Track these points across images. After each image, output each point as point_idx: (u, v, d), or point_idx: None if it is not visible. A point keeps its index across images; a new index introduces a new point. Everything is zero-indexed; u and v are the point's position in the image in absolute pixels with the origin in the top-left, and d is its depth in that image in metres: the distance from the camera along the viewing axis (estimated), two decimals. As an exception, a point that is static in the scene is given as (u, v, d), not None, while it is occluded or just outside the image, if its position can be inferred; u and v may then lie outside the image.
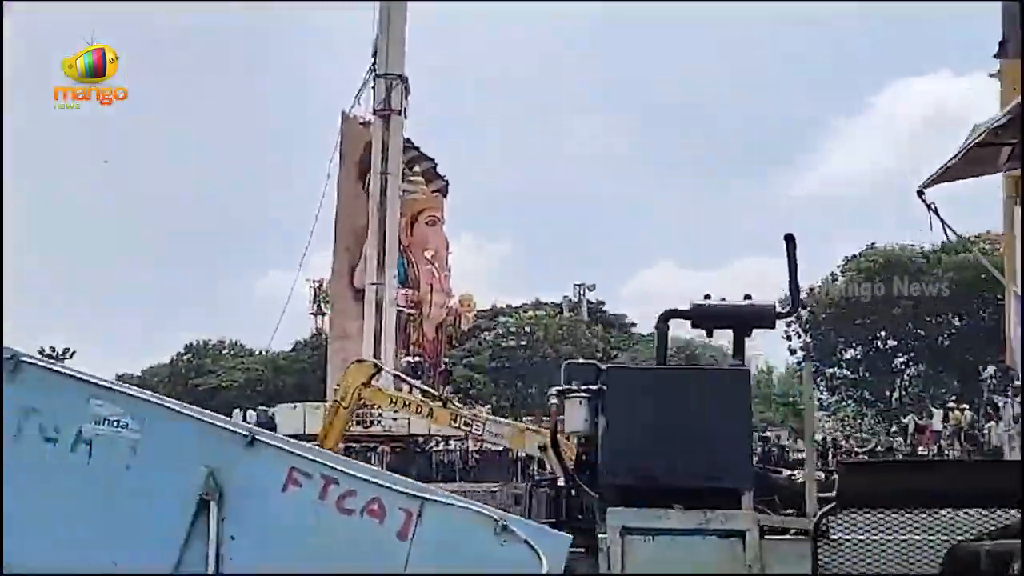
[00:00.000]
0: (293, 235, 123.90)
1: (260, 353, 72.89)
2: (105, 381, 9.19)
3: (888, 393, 54.55)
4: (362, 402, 30.41)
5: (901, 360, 54.51)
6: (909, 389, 53.67)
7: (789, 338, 56.49)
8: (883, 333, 53.77)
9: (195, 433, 8.65)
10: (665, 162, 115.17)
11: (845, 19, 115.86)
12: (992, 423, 32.92)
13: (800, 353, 56.53)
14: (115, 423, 8.65)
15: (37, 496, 8.64)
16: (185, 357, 72.87)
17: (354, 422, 37.20)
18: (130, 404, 8.77)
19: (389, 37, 42.63)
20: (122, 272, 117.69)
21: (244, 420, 46.58)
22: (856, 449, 36.32)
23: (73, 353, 54.43)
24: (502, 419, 31.29)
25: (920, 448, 33.54)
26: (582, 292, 71.75)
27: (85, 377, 8.94)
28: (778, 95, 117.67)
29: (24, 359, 8.78)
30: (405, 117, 42.71)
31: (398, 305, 43.08)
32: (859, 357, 55.88)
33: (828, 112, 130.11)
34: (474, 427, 29.29)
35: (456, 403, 31.63)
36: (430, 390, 32.21)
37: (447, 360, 48.04)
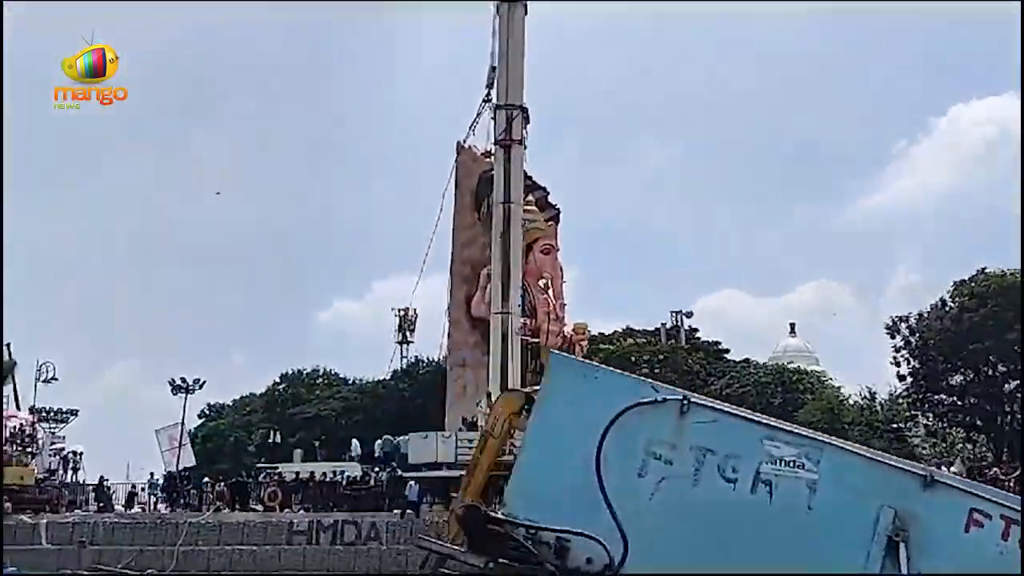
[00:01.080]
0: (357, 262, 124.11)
1: (353, 382, 71.89)
2: (774, 421, 9.43)
3: (999, 419, 52.17)
4: (512, 432, 29.03)
5: (1012, 386, 51.97)
6: (1020, 415, 51.21)
7: (898, 364, 54.57)
8: (992, 358, 51.34)
9: (871, 472, 8.80)
10: (729, 189, 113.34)
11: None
12: None
13: (908, 379, 54.67)
14: (792, 463, 8.79)
15: (722, 533, 9.09)
16: (281, 386, 71.80)
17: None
18: (803, 444, 8.91)
19: (509, 66, 41.82)
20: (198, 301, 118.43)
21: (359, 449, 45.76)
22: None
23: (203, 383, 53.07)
24: None
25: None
26: (679, 319, 70.24)
27: (755, 418, 9.38)
28: (839, 120, 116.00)
29: (695, 400, 9.16)
30: (525, 147, 41.73)
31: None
32: (966, 383, 53.42)
33: (890, 136, 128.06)
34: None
35: None
36: None
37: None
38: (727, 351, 73.13)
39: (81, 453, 51.09)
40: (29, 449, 48.09)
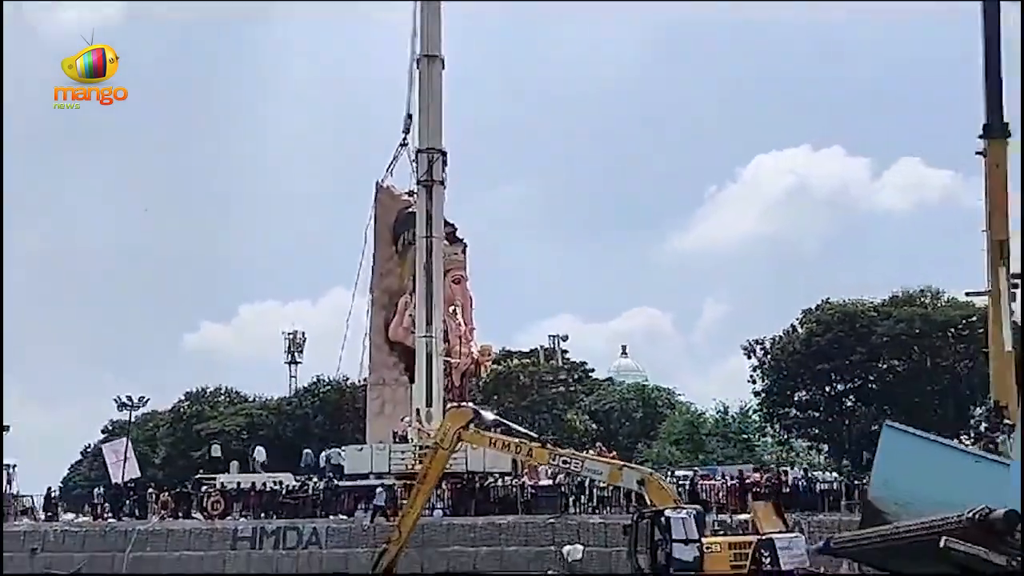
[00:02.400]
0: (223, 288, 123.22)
1: (254, 399, 72.04)
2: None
3: (839, 432, 55.58)
4: (460, 444, 30.58)
5: (851, 402, 55.47)
6: (858, 427, 54.51)
7: (753, 381, 57.67)
8: (834, 377, 54.82)
9: None
10: (568, 222, 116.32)
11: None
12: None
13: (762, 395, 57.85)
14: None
15: None
16: (185, 403, 71.44)
17: (419, 460, 37.44)
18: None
19: (430, 113, 43.11)
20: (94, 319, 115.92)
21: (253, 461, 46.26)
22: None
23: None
24: (598, 457, 31.59)
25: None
26: (556, 342, 72.47)
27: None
28: (665, 163, 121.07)
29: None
30: (444, 187, 42.90)
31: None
32: (811, 398, 56.72)
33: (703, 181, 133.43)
34: (572, 464, 29.65)
35: (552, 444, 31.99)
36: (528, 432, 32.53)
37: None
38: (593, 370, 75.87)
39: (15, 466, 50.39)
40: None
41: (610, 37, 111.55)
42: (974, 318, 52.52)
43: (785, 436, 59.80)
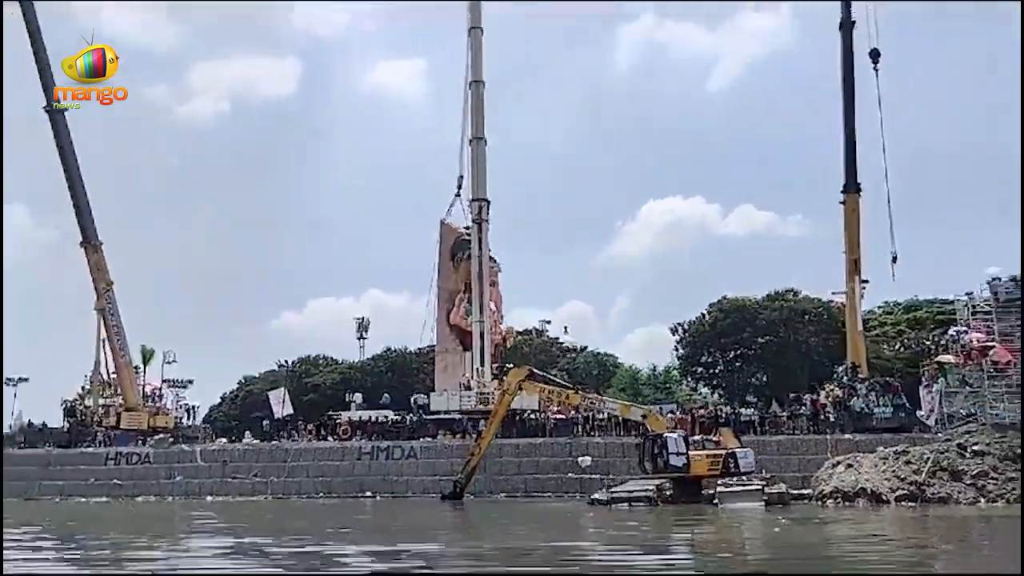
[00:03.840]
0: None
1: (341, 362, 71.58)
2: None
3: (732, 383, 56.11)
4: (520, 392, 30.74)
5: (739, 363, 56.05)
6: (744, 379, 55.17)
7: (676, 349, 58.29)
8: (733, 347, 55.34)
9: None
10: (527, 241, 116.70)
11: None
12: (855, 399, 33.71)
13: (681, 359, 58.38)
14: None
15: None
16: (298, 366, 70.85)
17: (479, 401, 37.52)
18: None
19: (478, 176, 43.11)
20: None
21: (352, 403, 45.94)
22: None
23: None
24: (613, 399, 31.92)
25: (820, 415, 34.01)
26: (544, 324, 72.59)
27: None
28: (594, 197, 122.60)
29: None
30: (488, 224, 42.94)
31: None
32: (712, 361, 57.23)
33: (615, 216, 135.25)
34: (597, 404, 29.89)
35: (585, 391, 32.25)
36: (566, 383, 32.75)
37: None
38: (562, 343, 75.89)
39: (196, 407, 50.13)
40: (158, 404, 47.11)
41: (543, 105, 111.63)
42: (820, 309, 53.57)
43: (695, 385, 60.39)
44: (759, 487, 23.97)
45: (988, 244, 75.91)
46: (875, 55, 34.83)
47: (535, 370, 31.32)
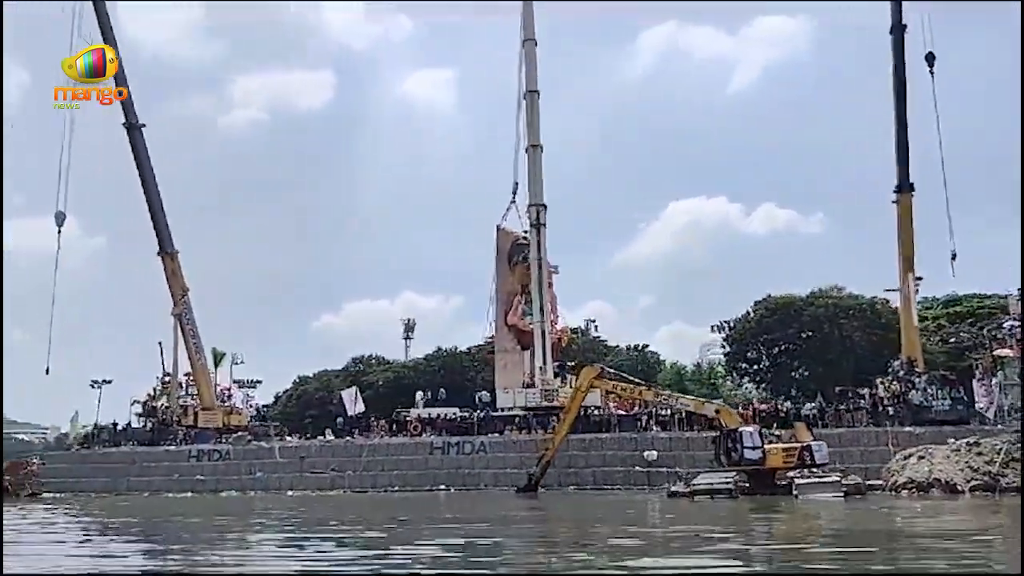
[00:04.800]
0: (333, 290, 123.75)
1: (392, 362, 72.28)
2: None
3: (780, 380, 55.97)
4: (593, 388, 31.13)
5: (784, 359, 55.89)
6: (790, 375, 55.06)
7: (722, 346, 58.26)
8: (778, 344, 55.24)
9: None
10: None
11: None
12: (914, 392, 33.73)
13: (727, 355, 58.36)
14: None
15: None
16: (356, 364, 71.70)
17: (544, 398, 37.95)
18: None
19: (534, 177, 43.47)
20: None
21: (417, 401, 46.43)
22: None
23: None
24: (685, 395, 32.24)
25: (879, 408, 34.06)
26: (587, 324, 72.67)
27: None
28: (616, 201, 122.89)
29: None
30: (545, 227, 43.29)
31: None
32: (757, 357, 57.11)
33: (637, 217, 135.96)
34: (670, 400, 30.21)
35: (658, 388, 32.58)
36: (636, 380, 33.10)
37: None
38: (606, 341, 76.06)
39: (268, 405, 51.03)
40: (227, 404, 48.07)
41: (567, 109, 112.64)
42: (863, 305, 53.39)
43: (740, 381, 60.38)
44: (836, 478, 24.20)
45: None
46: (931, 59, 34.86)
47: (606, 368, 31.71)
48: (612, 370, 32.29)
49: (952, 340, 52.00)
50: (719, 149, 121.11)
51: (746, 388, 60.93)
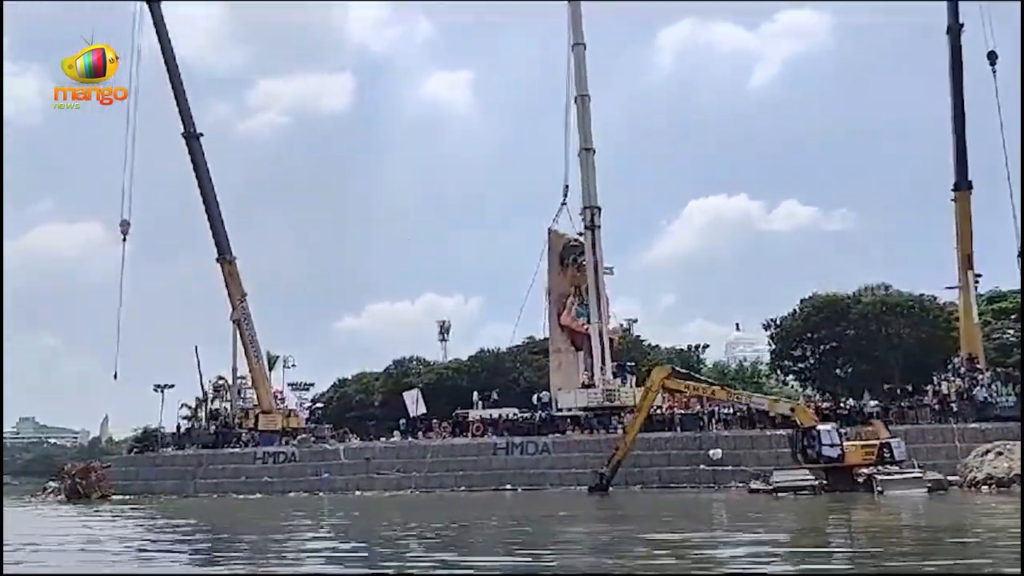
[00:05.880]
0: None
1: (433, 363, 72.97)
2: None
3: (826, 378, 56.17)
4: (664, 388, 31.73)
5: (831, 358, 56.09)
6: (837, 373, 55.31)
7: (769, 343, 58.61)
8: (824, 342, 55.50)
9: None
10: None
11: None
12: (978, 388, 34.06)
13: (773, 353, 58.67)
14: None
15: None
16: (397, 367, 72.44)
17: (605, 398, 38.55)
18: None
19: (590, 183, 43.98)
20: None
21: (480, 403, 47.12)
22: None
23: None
24: (759, 394, 32.77)
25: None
26: (630, 324, 73.10)
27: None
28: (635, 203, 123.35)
29: None
30: (600, 228, 43.77)
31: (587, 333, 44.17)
32: (802, 355, 57.37)
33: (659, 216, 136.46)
34: (743, 399, 30.77)
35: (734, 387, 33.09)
36: (708, 379, 33.63)
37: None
38: (645, 340, 76.41)
39: (321, 407, 51.96)
40: (279, 407, 48.87)
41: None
42: (911, 303, 53.64)
43: (784, 379, 60.69)
44: (919, 475, 24.73)
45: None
46: (992, 57, 35.21)
47: (676, 368, 32.31)
48: (683, 370, 32.82)
49: (997, 337, 52.25)
50: (739, 145, 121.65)
51: (791, 386, 61.15)
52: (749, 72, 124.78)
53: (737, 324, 76.46)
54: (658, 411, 38.14)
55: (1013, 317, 54.41)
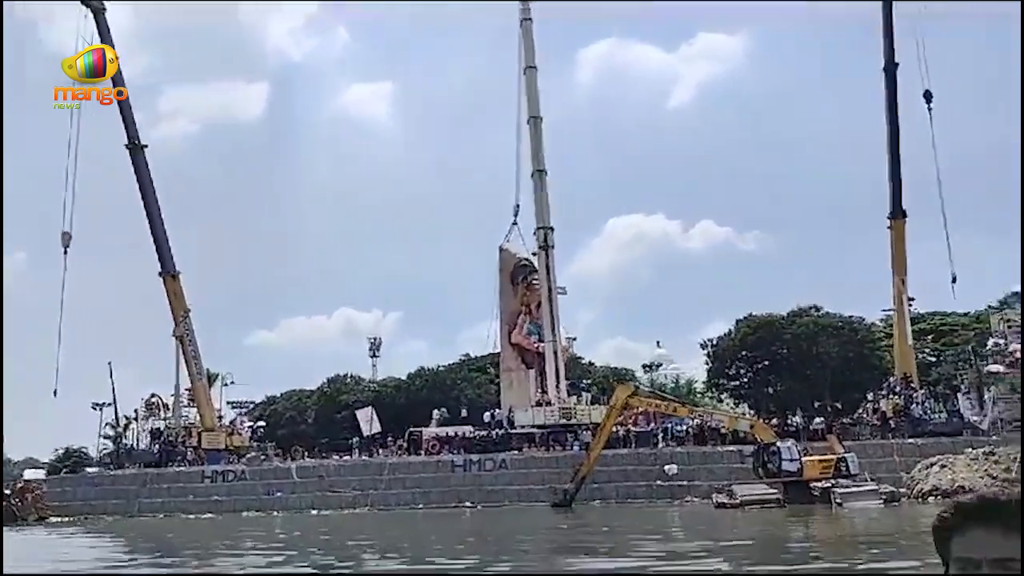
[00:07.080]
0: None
1: (370, 381, 72.47)
2: None
3: (759, 395, 58.30)
4: (627, 406, 32.82)
5: (766, 375, 58.27)
6: (771, 391, 57.62)
7: (706, 363, 60.58)
8: (758, 360, 57.70)
9: None
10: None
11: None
12: (914, 406, 36.39)
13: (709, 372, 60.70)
14: None
15: None
16: (331, 384, 71.57)
17: (562, 416, 39.44)
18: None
19: (542, 201, 45.02)
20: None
21: (436, 417, 47.35)
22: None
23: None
24: (721, 409, 34.07)
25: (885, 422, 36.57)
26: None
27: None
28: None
29: None
30: (553, 248, 44.82)
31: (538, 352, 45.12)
32: (737, 374, 59.49)
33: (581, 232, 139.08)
34: (704, 416, 32.11)
35: (694, 404, 34.35)
36: (671, 397, 34.83)
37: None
38: (580, 358, 77.68)
39: (264, 425, 51.09)
40: (221, 425, 47.94)
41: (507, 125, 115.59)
42: (841, 324, 56.53)
43: (719, 396, 62.68)
44: (874, 487, 26.46)
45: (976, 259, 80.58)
46: (928, 96, 37.96)
47: (639, 386, 33.46)
48: (647, 388, 34.01)
49: (917, 357, 55.66)
50: (657, 165, 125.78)
51: (726, 403, 63.30)
52: (667, 94, 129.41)
53: (658, 342, 78.42)
54: (613, 429, 39.30)
55: (930, 338, 58.23)
